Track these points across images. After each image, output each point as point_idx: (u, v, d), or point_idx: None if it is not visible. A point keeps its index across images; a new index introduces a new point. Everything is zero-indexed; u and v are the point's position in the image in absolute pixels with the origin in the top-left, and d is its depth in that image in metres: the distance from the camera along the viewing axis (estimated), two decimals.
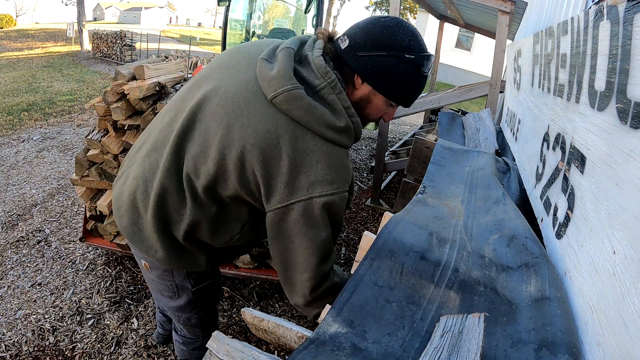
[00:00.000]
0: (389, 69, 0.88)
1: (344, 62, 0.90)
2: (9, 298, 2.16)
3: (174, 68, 2.42)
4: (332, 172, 0.85)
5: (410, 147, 2.66)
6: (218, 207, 0.95)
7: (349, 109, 0.89)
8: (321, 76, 0.87)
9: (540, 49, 1.35)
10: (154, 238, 0.99)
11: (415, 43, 0.88)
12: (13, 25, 29.72)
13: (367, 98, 0.94)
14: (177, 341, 1.43)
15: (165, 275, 1.14)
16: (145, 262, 1.13)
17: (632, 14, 0.55)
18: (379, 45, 0.86)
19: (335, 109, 0.87)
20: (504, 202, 1.06)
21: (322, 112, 0.84)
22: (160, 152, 0.97)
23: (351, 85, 0.92)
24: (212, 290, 1.28)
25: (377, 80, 0.90)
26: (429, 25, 16.09)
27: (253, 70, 0.90)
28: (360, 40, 0.88)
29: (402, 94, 0.93)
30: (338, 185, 0.86)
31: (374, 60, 0.87)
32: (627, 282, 0.50)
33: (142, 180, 0.98)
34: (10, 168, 3.94)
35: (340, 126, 0.86)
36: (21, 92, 8.14)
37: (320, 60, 0.87)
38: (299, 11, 5.79)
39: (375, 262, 0.79)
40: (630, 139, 0.55)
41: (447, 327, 0.59)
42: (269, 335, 0.81)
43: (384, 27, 0.87)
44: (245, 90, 0.88)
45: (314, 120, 0.84)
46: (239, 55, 0.98)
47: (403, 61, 0.87)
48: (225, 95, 0.89)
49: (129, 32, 13.40)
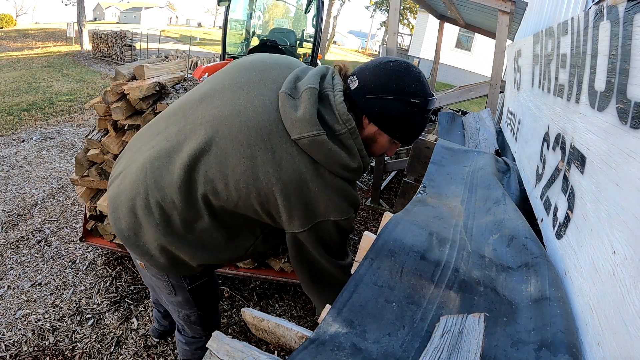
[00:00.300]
0: (395, 112, 0.94)
1: (354, 102, 0.96)
2: (9, 298, 2.16)
3: (174, 68, 2.42)
4: (345, 202, 0.98)
5: (410, 147, 2.66)
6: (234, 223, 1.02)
7: (362, 151, 0.98)
8: (343, 122, 0.93)
9: (540, 49, 1.35)
10: (153, 246, 1.01)
11: (420, 88, 0.94)
12: (13, 25, 29.71)
13: (373, 137, 1.01)
14: (180, 341, 1.44)
15: (161, 276, 1.15)
16: (140, 262, 1.15)
17: (632, 14, 0.55)
18: (387, 90, 0.93)
19: (352, 152, 0.96)
20: (504, 202, 1.06)
21: (340, 156, 0.93)
22: (164, 163, 0.97)
23: (359, 125, 0.99)
24: (208, 288, 1.29)
25: (384, 122, 0.97)
26: (429, 25, 16.10)
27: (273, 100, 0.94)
28: (369, 84, 0.94)
29: (406, 134, 1.01)
30: (348, 210, 0.99)
31: (381, 103, 0.94)
32: (627, 282, 0.50)
33: (143, 188, 0.98)
34: (10, 168, 3.94)
35: (354, 167, 0.96)
36: (21, 92, 8.14)
37: (343, 107, 0.93)
38: (299, 11, 5.79)
39: (375, 262, 0.79)
40: (630, 139, 0.55)
41: (447, 327, 0.59)
42: (269, 335, 0.81)
43: (392, 72, 0.94)
44: (267, 122, 0.92)
45: (333, 163, 0.93)
46: (255, 74, 1.00)
47: (409, 105, 0.93)
48: (247, 124, 0.92)
49: (129, 32, 13.39)
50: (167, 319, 1.84)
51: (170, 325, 1.88)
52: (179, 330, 1.43)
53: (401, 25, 22.97)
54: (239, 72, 1.02)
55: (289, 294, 2.37)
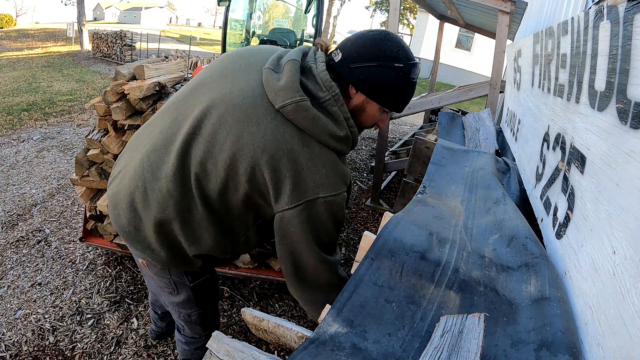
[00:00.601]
0: (380, 77, 0.94)
1: (339, 74, 0.96)
2: (9, 298, 2.16)
3: (174, 68, 2.42)
4: (334, 176, 0.94)
5: (410, 147, 2.66)
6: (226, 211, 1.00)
7: (348, 120, 0.97)
8: (326, 89, 0.93)
9: (540, 49, 1.35)
10: (153, 239, 1.01)
11: (403, 53, 0.94)
12: (13, 25, 29.72)
13: (362, 106, 1.00)
14: (180, 341, 1.44)
15: (163, 273, 1.15)
16: (142, 260, 1.14)
17: (632, 14, 0.55)
18: (370, 57, 0.93)
19: (337, 120, 0.94)
20: (504, 202, 1.06)
21: (326, 122, 0.91)
22: (160, 155, 0.99)
23: (346, 95, 0.98)
24: (210, 286, 1.29)
25: (370, 89, 0.96)
26: (429, 25, 16.10)
27: (258, 78, 0.95)
28: (352, 53, 0.94)
29: (393, 100, 1.00)
30: (339, 186, 0.95)
31: (366, 71, 0.94)
32: (627, 282, 0.50)
33: (141, 182, 1.00)
34: (10, 168, 3.94)
35: (341, 135, 0.94)
36: (21, 92, 8.14)
37: (326, 74, 0.94)
38: (299, 11, 5.79)
39: (375, 262, 0.79)
40: (630, 139, 0.55)
41: (447, 327, 0.59)
42: (269, 335, 0.81)
43: (374, 40, 0.94)
44: (252, 98, 0.93)
45: (319, 130, 0.91)
46: (241, 61, 1.02)
47: (393, 69, 0.93)
48: (232, 103, 0.93)
49: (129, 32, 13.39)
50: (164, 320, 1.85)
51: (167, 326, 1.89)
52: (178, 330, 1.43)
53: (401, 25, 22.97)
54: (226, 62, 1.04)
55: (289, 294, 2.36)
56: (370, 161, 5.10)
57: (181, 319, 1.31)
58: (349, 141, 0.98)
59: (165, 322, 1.86)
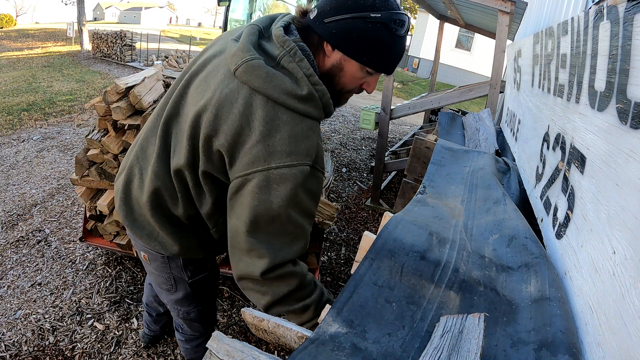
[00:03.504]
0: (355, 30, 0.83)
1: (313, 31, 0.88)
2: (9, 298, 2.16)
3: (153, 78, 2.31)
4: (291, 142, 0.82)
5: (410, 147, 2.66)
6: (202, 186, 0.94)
7: (311, 76, 0.85)
8: (280, 46, 0.86)
9: (540, 49, 1.35)
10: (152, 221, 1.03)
11: (381, 2, 0.83)
12: (13, 25, 29.71)
13: (339, 65, 0.89)
14: (181, 340, 1.44)
15: (163, 267, 1.16)
16: (144, 254, 1.16)
17: (632, 14, 0.55)
18: (343, 8, 0.83)
19: (296, 76, 0.84)
20: (504, 202, 1.06)
21: (282, 80, 0.82)
22: (150, 140, 1.04)
23: (322, 53, 0.90)
24: (209, 283, 1.30)
25: (345, 44, 0.85)
26: (429, 25, 16.09)
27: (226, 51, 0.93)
28: (326, 7, 0.85)
29: (374, 57, 0.87)
30: (297, 157, 0.82)
31: (339, 25, 0.84)
32: (627, 282, 0.50)
33: (137, 169, 1.04)
34: (10, 168, 3.94)
35: (301, 94, 0.83)
36: (21, 92, 8.13)
37: (279, 30, 0.87)
38: None
39: (375, 262, 0.79)
40: (630, 139, 0.55)
41: (447, 327, 0.58)
42: (269, 335, 0.81)
43: None
44: (216, 69, 0.91)
45: (273, 88, 0.81)
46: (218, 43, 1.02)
47: (369, 21, 0.82)
48: (202, 77, 0.94)
49: (129, 32, 13.38)
50: (158, 323, 1.84)
51: (160, 330, 1.88)
52: (177, 330, 1.43)
53: None
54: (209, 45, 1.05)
55: None
56: (370, 161, 5.09)
57: (180, 316, 1.32)
58: (315, 101, 0.86)
59: (159, 325, 1.85)
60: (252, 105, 0.82)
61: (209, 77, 0.92)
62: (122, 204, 1.07)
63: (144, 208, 1.03)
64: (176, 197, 1.00)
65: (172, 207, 1.01)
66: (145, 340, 1.91)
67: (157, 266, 1.16)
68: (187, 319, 1.32)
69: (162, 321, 1.83)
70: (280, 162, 0.81)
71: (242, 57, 0.83)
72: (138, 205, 1.05)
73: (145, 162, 1.04)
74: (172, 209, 1.02)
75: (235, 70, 0.83)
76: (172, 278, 1.18)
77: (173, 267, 1.16)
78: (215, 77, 0.89)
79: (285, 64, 0.85)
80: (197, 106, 0.89)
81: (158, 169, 0.98)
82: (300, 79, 0.84)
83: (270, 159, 0.81)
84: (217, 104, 0.85)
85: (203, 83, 0.92)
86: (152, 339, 1.91)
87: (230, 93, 0.84)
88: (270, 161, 0.81)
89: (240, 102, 0.83)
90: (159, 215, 1.02)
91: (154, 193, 1.00)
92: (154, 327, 1.85)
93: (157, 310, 1.76)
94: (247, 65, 0.82)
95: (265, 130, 0.81)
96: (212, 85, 0.89)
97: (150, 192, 1.00)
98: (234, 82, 0.85)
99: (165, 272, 1.17)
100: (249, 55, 0.83)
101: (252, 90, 0.83)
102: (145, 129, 1.08)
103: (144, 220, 1.05)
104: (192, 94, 0.94)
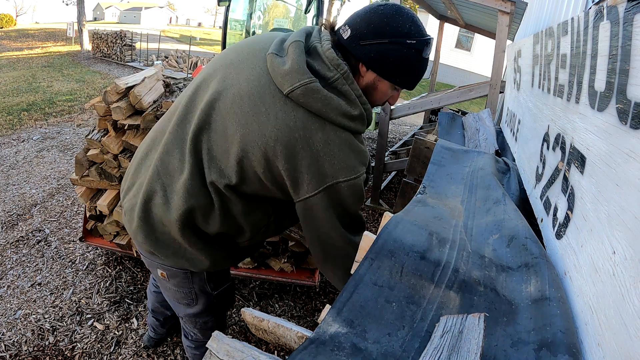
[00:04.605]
0: (392, 55, 0.90)
1: (348, 52, 0.92)
2: (8, 298, 2.16)
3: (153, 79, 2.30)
4: (352, 157, 0.92)
5: (410, 147, 2.66)
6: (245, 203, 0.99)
7: (361, 97, 0.94)
8: (334, 68, 0.90)
9: (540, 49, 1.35)
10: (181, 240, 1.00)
11: (415, 29, 0.90)
12: (13, 25, 29.71)
13: (373, 85, 0.97)
14: (190, 347, 1.41)
15: (185, 282, 1.13)
16: (162, 272, 1.11)
17: (632, 14, 0.55)
18: (381, 33, 0.88)
19: (350, 98, 0.91)
20: (504, 203, 1.06)
21: (338, 102, 0.88)
22: (172, 154, 0.98)
23: (357, 73, 0.95)
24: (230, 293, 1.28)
25: (382, 67, 0.92)
26: (429, 25, 16.06)
27: (262, 65, 0.92)
28: (362, 30, 0.90)
29: (405, 78, 0.96)
30: (358, 168, 0.93)
31: (377, 48, 0.89)
32: (627, 282, 0.50)
33: (159, 185, 0.99)
34: (10, 168, 3.94)
35: (355, 114, 0.92)
36: (21, 92, 8.13)
37: (332, 52, 0.90)
38: (299, 11, 5.79)
39: (375, 262, 0.79)
40: (630, 139, 0.55)
41: (447, 327, 0.59)
42: (269, 335, 0.81)
43: (384, 16, 0.89)
44: (258, 86, 0.90)
45: (331, 111, 0.88)
46: (244, 51, 0.99)
47: (405, 46, 0.89)
48: (240, 93, 0.91)
49: (129, 32, 13.39)
50: (165, 326, 1.83)
51: (166, 333, 1.88)
52: (186, 337, 1.40)
53: None
54: (229, 54, 1.03)
55: (289, 294, 2.37)
56: (370, 161, 5.09)
57: (197, 327, 1.29)
58: (363, 119, 0.95)
59: (165, 328, 1.84)
60: (310, 129, 0.87)
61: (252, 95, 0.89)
62: (141, 224, 1.01)
63: (170, 226, 0.99)
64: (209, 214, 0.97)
65: (203, 223, 0.99)
66: (151, 344, 1.89)
67: (178, 282, 1.13)
68: (204, 328, 1.30)
69: (169, 323, 1.83)
70: (346, 176, 0.91)
71: (299, 79, 0.86)
72: (161, 224, 1.00)
73: (168, 178, 0.98)
74: (203, 225, 0.99)
75: (291, 92, 0.86)
76: (194, 292, 1.16)
77: (195, 282, 1.13)
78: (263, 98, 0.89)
79: (339, 87, 0.90)
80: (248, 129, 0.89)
81: (191, 186, 0.95)
82: (353, 101, 0.92)
83: (337, 175, 0.90)
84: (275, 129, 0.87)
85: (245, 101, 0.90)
86: (157, 342, 1.90)
87: (288, 117, 0.87)
88: (337, 177, 0.90)
89: (300, 126, 0.87)
90: (190, 233, 0.99)
91: (187, 212, 0.96)
92: (161, 330, 1.84)
93: (165, 314, 1.75)
94: (306, 89, 0.85)
95: (328, 150, 0.88)
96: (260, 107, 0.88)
97: (183, 211, 0.95)
98: (289, 105, 0.87)
99: (186, 287, 1.14)
100: (307, 78, 0.86)
101: (311, 113, 0.87)
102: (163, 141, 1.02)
103: (168, 238, 1.01)
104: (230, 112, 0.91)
